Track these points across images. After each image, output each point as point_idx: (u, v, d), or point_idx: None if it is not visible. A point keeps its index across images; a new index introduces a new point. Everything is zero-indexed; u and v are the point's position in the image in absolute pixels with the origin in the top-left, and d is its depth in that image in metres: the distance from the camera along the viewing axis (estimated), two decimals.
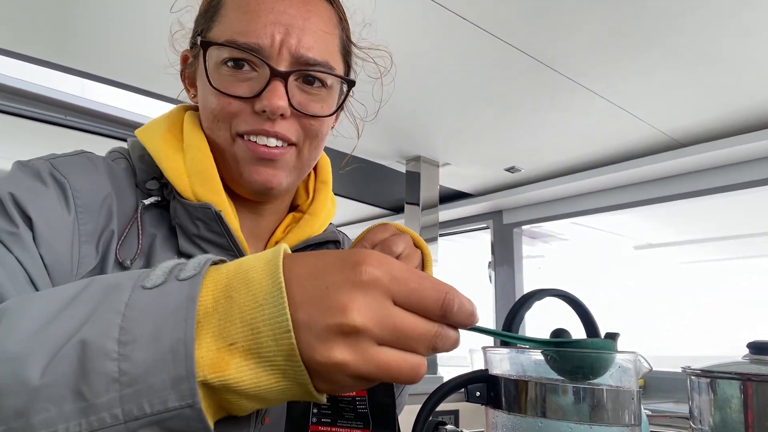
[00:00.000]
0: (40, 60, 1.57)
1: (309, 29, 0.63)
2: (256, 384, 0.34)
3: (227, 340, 0.34)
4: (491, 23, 1.37)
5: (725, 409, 0.63)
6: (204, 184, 0.64)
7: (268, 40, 0.61)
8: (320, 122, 0.66)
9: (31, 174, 0.58)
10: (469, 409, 1.97)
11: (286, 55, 0.61)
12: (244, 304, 0.34)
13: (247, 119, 0.62)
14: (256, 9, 0.62)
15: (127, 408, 0.32)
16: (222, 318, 0.34)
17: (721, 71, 1.56)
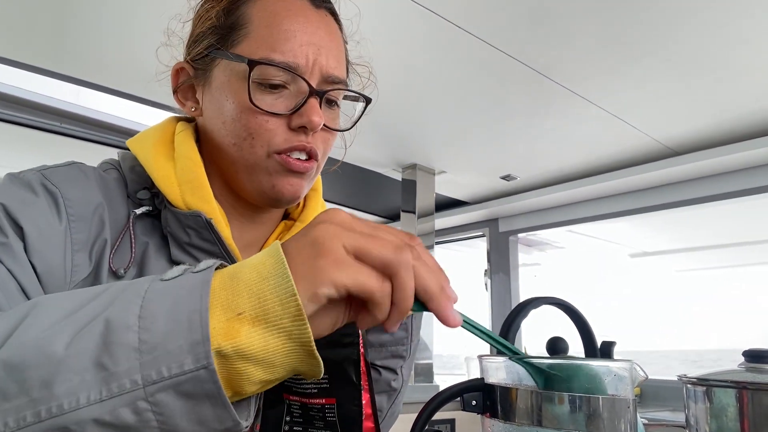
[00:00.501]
0: (35, 67, 1.56)
1: (333, 50, 0.66)
2: (265, 347, 0.38)
3: (235, 310, 0.38)
4: (487, 32, 1.38)
5: (721, 418, 0.63)
6: (194, 192, 0.64)
7: (303, 59, 0.63)
8: (335, 137, 0.70)
9: (22, 185, 0.58)
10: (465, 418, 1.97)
11: (317, 73, 0.64)
12: (250, 279, 0.39)
13: (285, 136, 0.63)
14: (291, 29, 0.63)
15: (146, 373, 0.35)
16: (229, 293, 0.38)
17: (715, 80, 1.57)
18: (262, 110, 0.62)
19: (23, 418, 0.34)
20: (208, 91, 0.67)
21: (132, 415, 0.35)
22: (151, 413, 0.35)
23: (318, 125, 0.63)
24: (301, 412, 0.55)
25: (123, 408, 0.35)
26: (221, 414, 0.37)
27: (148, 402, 0.35)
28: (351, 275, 0.39)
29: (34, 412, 0.34)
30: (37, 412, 0.34)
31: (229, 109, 0.64)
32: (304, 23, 0.64)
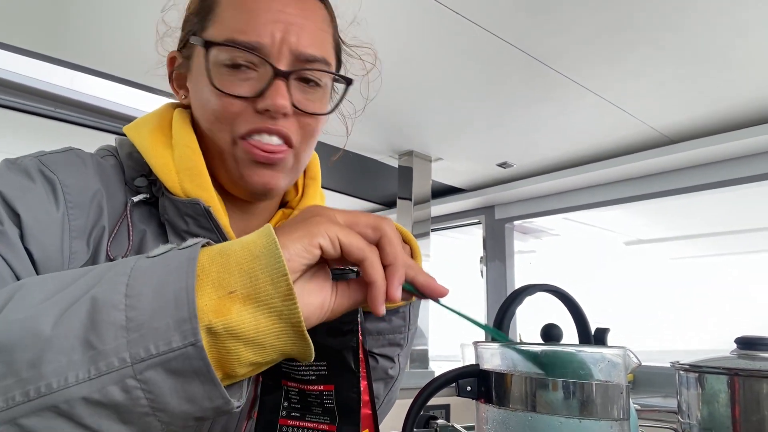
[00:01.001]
0: (30, 51, 1.55)
1: (307, 27, 0.63)
2: (255, 327, 0.38)
3: (227, 288, 0.38)
4: (484, 19, 1.37)
5: (713, 404, 0.64)
6: (193, 180, 0.64)
7: (268, 38, 0.61)
8: (317, 121, 0.66)
9: (19, 171, 0.58)
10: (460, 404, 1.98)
11: (286, 53, 0.62)
12: (241, 257, 0.39)
13: (249, 119, 0.62)
14: (254, 8, 0.61)
15: (134, 351, 0.35)
16: (220, 270, 0.38)
17: (712, 69, 1.57)
18: (225, 93, 0.61)
19: (12, 398, 0.34)
20: (192, 78, 0.67)
21: (121, 393, 0.35)
22: (140, 391, 0.35)
23: (282, 108, 0.61)
24: (299, 398, 0.55)
25: (112, 386, 0.35)
26: (211, 391, 0.37)
27: (136, 380, 0.35)
28: (344, 231, 0.42)
29: (23, 391, 0.34)
30: (25, 391, 0.34)
31: (202, 94, 0.64)
32: (270, 2, 0.62)
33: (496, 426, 0.51)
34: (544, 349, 0.49)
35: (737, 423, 0.62)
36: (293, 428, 0.55)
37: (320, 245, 0.41)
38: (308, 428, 0.55)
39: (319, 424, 0.54)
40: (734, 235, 3.14)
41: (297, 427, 0.55)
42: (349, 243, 0.42)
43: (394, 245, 0.45)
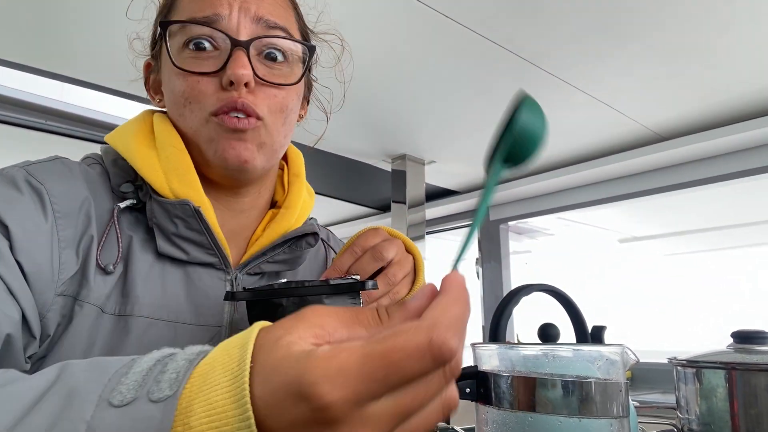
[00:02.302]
0: (18, 64, 1.54)
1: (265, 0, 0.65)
2: None
3: None
4: (473, 20, 1.38)
5: (711, 398, 0.64)
6: (181, 179, 0.63)
7: (226, 9, 0.62)
8: (285, 93, 0.66)
9: (6, 182, 0.57)
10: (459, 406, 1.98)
11: (246, 22, 0.62)
12: (201, 428, 0.30)
13: (217, 96, 0.62)
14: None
15: None
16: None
17: (701, 65, 1.58)
18: (188, 71, 0.62)
19: None
20: (163, 76, 0.68)
21: None
22: None
23: (242, 78, 0.60)
24: None
25: None
26: None
27: None
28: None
29: None
30: None
31: (170, 82, 0.65)
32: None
33: (496, 427, 0.51)
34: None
35: (736, 417, 0.62)
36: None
37: None
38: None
39: None
40: (727, 230, 3.16)
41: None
42: None
43: None
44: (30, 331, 0.53)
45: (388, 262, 0.63)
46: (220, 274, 0.68)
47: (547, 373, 0.49)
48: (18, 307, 0.52)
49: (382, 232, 0.66)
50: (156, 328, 0.61)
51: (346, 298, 0.49)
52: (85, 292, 0.58)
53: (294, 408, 0.29)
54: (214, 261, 0.67)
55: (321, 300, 0.48)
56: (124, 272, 0.62)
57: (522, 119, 0.41)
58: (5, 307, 0.50)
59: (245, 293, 0.49)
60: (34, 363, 0.56)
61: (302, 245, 0.74)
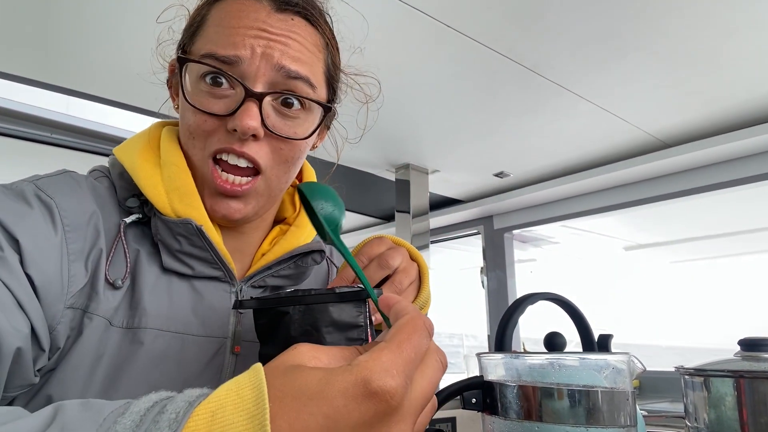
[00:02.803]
0: (24, 78, 1.56)
1: (292, 46, 0.62)
2: None
3: None
4: (475, 30, 1.39)
5: (720, 407, 0.63)
6: (182, 199, 0.63)
7: (248, 51, 0.60)
8: (291, 146, 0.65)
9: (15, 196, 0.57)
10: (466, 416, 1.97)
11: (266, 68, 0.61)
12: None
13: (221, 137, 0.62)
14: (237, 24, 0.61)
15: None
16: None
17: (704, 71, 1.58)
18: (197, 108, 0.61)
19: None
20: (181, 92, 0.67)
21: None
22: None
23: (249, 130, 0.59)
24: None
25: None
26: None
27: None
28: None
29: None
30: None
31: (183, 108, 0.64)
32: (254, 20, 0.61)
33: None
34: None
35: (745, 425, 0.61)
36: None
37: None
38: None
39: None
40: (733, 237, 3.14)
41: None
42: None
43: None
44: (39, 345, 0.53)
45: (394, 270, 0.63)
46: (225, 286, 0.68)
47: (554, 383, 0.48)
48: (27, 321, 0.52)
49: (387, 241, 0.66)
50: (163, 340, 0.61)
51: (351, 306, 0.49)
52: (95, 305, 0.58)
53: (357, 411, 0.31)
54: (219, 275, 0.67)
55: (327, 308, 0.48)
56: (131, 285, 0.62)
57: (319, 211, 0.50)
58: (15, 321, 0.50)
59: (252, 302, 0.50)
60: (43, 375, 0.57)
61: (308, 261, 0.74)
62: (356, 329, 0.49)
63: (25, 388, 0.54)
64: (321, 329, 0.47)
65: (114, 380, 0.58)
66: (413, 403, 0.35)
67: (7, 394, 0.53)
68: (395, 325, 0.39)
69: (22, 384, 0.53)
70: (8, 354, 0.49)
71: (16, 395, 0.55)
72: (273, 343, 0.49)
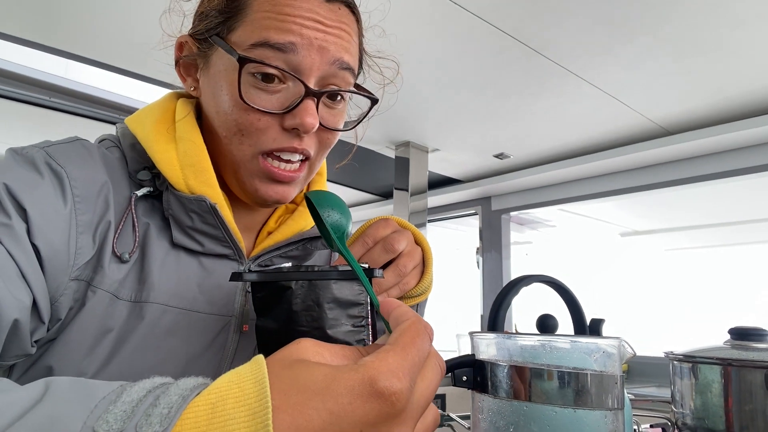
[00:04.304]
0: (23, 39, 1.53)
1: (344, 37, 0.62)
2: None
3: None
4: (482, 8, 1.37)
5: (706, 394, 0.64)
6: (197, 176, 0.63)
7: (304, 40, 0.58)
8: (335, 136, 0.67)
9: (26, 163, 0.56)
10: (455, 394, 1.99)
11: (321, 62, 0.60)
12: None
13: (276, 137, 0.61)
14: (291, 12, 0.59)
15: None
16: None
17: (709, 60, 1.57)
18: (253, 108, 0.59)
19: None
20: (206, 74, 0.65)
21: None
22: None
23: (311, 127, 0.59)
24: None
25: None
26: None
27: None
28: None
29: None
30: None
31: (223, 101, 0.62)
32: (307, 10, 0.60)
33: (491, 415, 0.51)
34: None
35: (730, 413, 0.62)
36: None
37: None
38: None
39: None
40: (730, 227, 3.15)
41: None
42: None
43: None
44: (39, 316, 0.53)
45: (399, 253, 0.62)
46: (233, 264, 0.68)
47: (544, 364, 0.49)
48: (29, 292, 0.51)
49: (393, 223, 0.65)
50: (170, 315, 0.61)
51: (354, 285, 0.49)
52: (99, 278, 0.58)
53: (362, 409, 0.31)
54: (229, 252, 0.67)
55: (329, 285, 0.48)
56: (140, 259, 0.62)
57: (326, 219, 0.50)
58: (17, 291, 0.50)
59: (252, 274, 0.49)
60: (42, 345, 0.57)
61: (318, 245, 0.75)
62: (357, 307, 0.50)
63: (21, 358, 0.54)
64: (323, 305, 0.48)
65: (117, 353, 0.58)
66: (415, 407, 0.35)
67: (3, 362, 0.53)
68: (398, 329, 0.39)
69: (18, 354, 0.53)
70: (6, 325, 0.48)
71: (12, 364, 0.56)
72: (273, 317, 0.49)
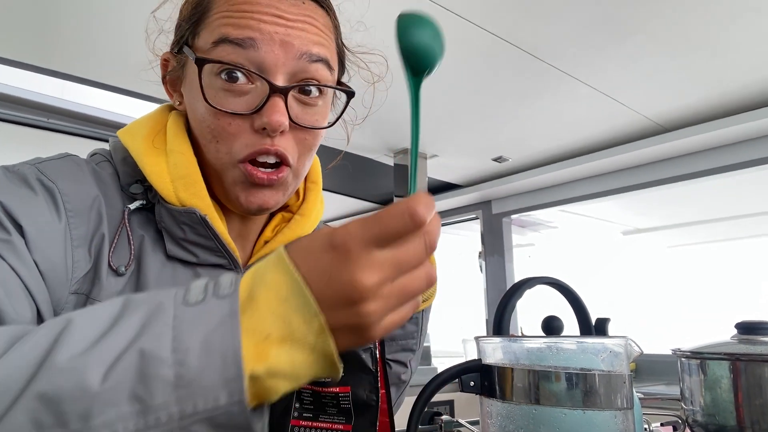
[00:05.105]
0: (19, 62, 1.54)
1: (309, 30, 0.61)
2: (291, 363, 0.39)
3: (262, 333, 0.38)
4: (474, 14, 1.37)
5: (715, 390, 0.64)
6: (188, 188, 0.62)
7: (264, 35, 0.58)
8: (314, 135, 0.64)
9: (19, 180, 0.57)
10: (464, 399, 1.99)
11: (286, 58, 0.59)
12: (269, 301, 0.39)
13: (249, 141, 0.60)
14: (249, 9, 0.58)
15: (182, 407, 0.36)
16: (252, 318, 0.38)
17: (705, 56, 1.57)
18: (219, 110, 0.59)
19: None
20: (185, 86, 0.65)
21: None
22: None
23: (278, 125, 0.58)
24: (312, 399, 0.55)
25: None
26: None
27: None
28: (387, 327, 0.41)
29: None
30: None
31: (197, 108, 0.62)
32: (267, 6, 0.59)
33: (500, 420, 0.51)
34: None
35: (740, 408, 0.62)
36: (305, 428, 0.55)
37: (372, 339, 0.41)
38: (322, 428, 0.54)
39: (333, 424, 0.54)
40: (731, 221, 3.15)
41: (309, 427, 0.55)
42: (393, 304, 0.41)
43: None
44: None
45: None
46: (229, 273, 0.68)
47: (551, 366, 0.49)
48: (34, 306, 0.52)
49: None
50: None
51: None
52: (97, 291, 0.58)
53: (324, 255, 0.39)
54: (224, 262, 0.67)
55: None
56: (136, 271, 0.62)
57: (402, 40, 0.47)
58: (20, 306, 0.50)
59: None
60: None
61: None
62: None
63: None
64: None
65: None
66: (381, 261, 0.39)
67: None
68: None
69: None
70: None
71: None
72: None
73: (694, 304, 3.44)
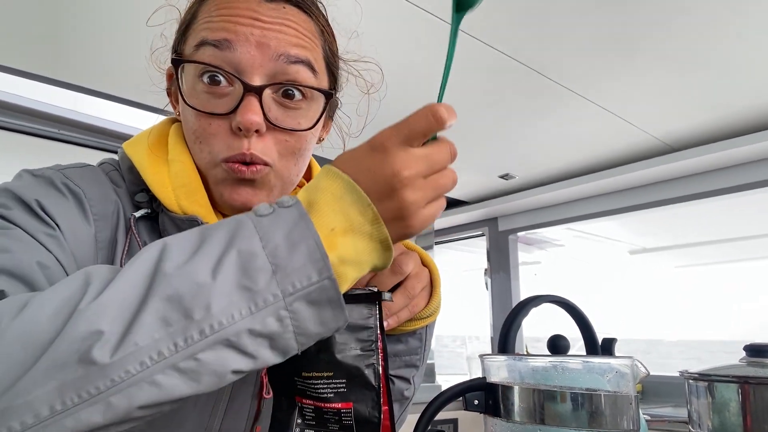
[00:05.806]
0: (33, 74, 1.56)
1: (287, 32, 0.61)
2: (355, 250, 0.46)
3: (328, 227, 0.45)
4: (482, 32, 1.38)
5: (724, 413, 0.63)
6: (189, 197, 0.63)
7: (239, 36, 0.59)
8: (297, 138, 0.64)
9: (46, 183, 0.58)
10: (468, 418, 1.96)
11: (263, 59, 0.59)
12: (328, 202, 0.46)
13: (228, 141, 0.60)
14: (227, 13, 0.60)
15: (283, 288, 0.42)
16: (316, 216, 0.45)
17: (712, 75, 1.58)
18: (198, 110, 0.60)
19: (190, 336, 0.41)
20: (180, 95, 0.66)
21: (276, 323, 0.43)
22: (290, 319, 0.43)
23: (252, 126, 0.58)
24: (314, 415, 0.55)
25: (269, 317, 0.42)
26: (338, 314, 0.45)
27: (287, 310, 0.43)
28: (426, 217, 0.50)
29: (199, 330, 0.41)
30: (201, 330, 0.41)
31: (185, 112, 0.64)
32: (245, 9, 0.60)
33: None
34: None
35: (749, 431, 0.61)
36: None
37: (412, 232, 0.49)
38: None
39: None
40: (739, 242, 3.12)
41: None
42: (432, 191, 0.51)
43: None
44: None
45: (406, 276, 0.62)
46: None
47: (557, 386, 0.48)
48: None
49: (399, 245, 0.65)
50: None
51: (363, 307, 0.51)
52: None
53: (366, 157, 0.48)
54: None
55: None
56: None
57: None
58: None
59: None
60: None
61: None
62: (366, 331, 0.50)
63: None
64: None
65: None
66: (414, 158, 0.49)
67: None
68: None
69: None
70: None
71: None
72: None
73: (703, 325, 3.40)
